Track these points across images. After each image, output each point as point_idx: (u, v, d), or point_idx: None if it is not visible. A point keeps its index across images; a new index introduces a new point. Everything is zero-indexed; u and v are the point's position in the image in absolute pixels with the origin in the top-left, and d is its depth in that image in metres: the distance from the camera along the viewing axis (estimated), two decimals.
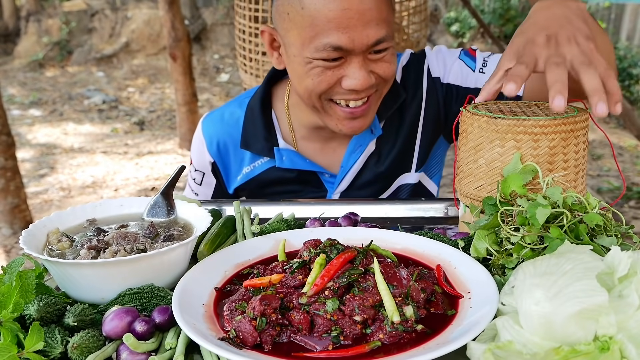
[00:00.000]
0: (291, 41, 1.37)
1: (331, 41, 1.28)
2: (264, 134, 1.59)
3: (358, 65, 1.32)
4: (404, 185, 1.66)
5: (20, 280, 0.83)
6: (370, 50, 1.33)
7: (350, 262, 0.88)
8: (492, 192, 1.05)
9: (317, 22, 1.28)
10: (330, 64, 1.33)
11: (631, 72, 7.93)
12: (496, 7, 9.46)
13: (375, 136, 1.58)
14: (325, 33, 1.28)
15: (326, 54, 1.31)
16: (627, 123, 4.32)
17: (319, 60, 1.33)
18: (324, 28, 1.28)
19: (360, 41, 1.29)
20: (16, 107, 8.65)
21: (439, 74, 1.59)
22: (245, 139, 1.62)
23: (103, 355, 0.79)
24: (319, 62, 1.33)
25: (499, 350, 0.69)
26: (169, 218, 1.11)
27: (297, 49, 1.36)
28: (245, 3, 3.02)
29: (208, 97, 9.20)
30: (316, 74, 1.35)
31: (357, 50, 1.30)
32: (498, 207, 0.96)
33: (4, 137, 3.91)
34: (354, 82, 1.33)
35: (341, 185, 1.62)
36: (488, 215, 0.97)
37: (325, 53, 1.30)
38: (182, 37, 6.03)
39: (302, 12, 1.29)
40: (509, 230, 0.92)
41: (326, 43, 1.29)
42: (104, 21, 11.48)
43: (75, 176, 5.97)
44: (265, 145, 1.59)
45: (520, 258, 0.91)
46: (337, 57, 1.31)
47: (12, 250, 4.16)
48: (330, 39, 1.28)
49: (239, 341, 0.78)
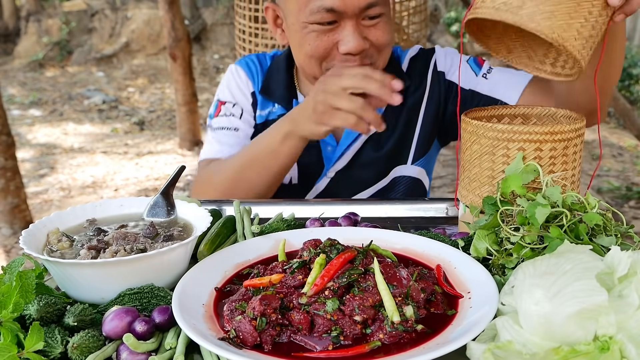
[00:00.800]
0: (289, 9, 1.44)
1: (324, 3, 1.35)
2: (286, 83, 1.65)
3: (352, 28, 1.37)
4: (400, 177, 1.67)
5: (20, 280, 0.83)
6: (363, 15, 1.38)
7: (350, 262, 0.88)
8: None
9: None
10: (325, 28, 1.38)
11: (631, 72, 7.93)
12: None
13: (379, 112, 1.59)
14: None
15: (319, 17, 1.36)
16: (627, 123, 4.32)
17: (314, 25, 1.39)
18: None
19: (351, 2, 1.34)
20: (16, 107, 8.66)
21: (444, 69, 1.66)
22: (266, 85, 1.68)
23: (103, 355, 0.79)
24: (314, 27, 1.39)
25: (499, 350, 0.69)
26: (169, 218, 1.11)
27: (294, 16, 1.42)
28: (245, 3, 3.03)
29: (208, 97, 9.20)
30: (312, 38, 1.40)
31: (350, 12, 1.35)
32: (498, 206, 0.96)
33: (4, 137, 3.91)
34: (348, 45, 1.37)
35: (338, 162, 1.63)
36: (488, 215, 0.98)
37: (319, 15, 1.36)
38: (182, 37, 6.03)
39: None
40: (508, 230, 0.92)
41: (320, 5, 1.35)
42: (104, 21, 11.49)
43: (75, 176, 5.97)
44: (285, 94, 1.64)
45: (520, 258, 0.91)
46: (331, 20, 1.37)
47: (12, 250, 4.16)
48: (324, 1, 1.34)
49: (239, 341, 0.78)
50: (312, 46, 1.41)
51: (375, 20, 1.40)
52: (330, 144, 1.64)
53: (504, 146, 1.03)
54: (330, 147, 1.64)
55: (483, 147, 1.06)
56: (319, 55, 1.42)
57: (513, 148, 1.02)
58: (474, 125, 1.07)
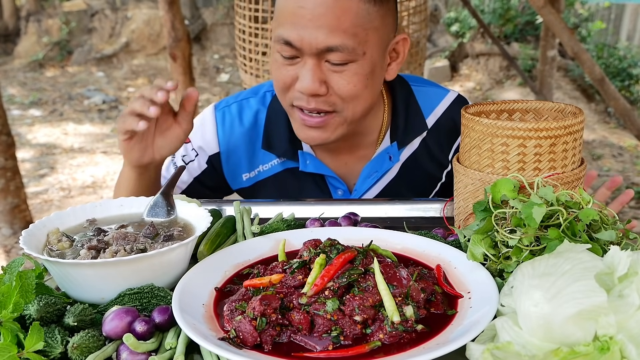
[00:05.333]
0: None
1: (283, 34, 1.29)
2: (288, 136, 1.54)
3: (309, 68, 1.29)
4: None
5: (20, 280, 0.83)
6: (324, 57, 1.29)
7: (350, 262, 0.88)
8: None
9: (281, 13, 1.31)
10: (287, 61, 1.33)
11: (631, 72, 7.93)
12: (496, 7, 9.45)
13: (394, 163, 1.55)
14: (282, 26, 1.30)
15: (279, 47, 1.31)
16: (627, 123, 4.31)
17: (278, 54, 1.34)
18: (282, 21, 1.30)
19: (308, 41, 1.26)
20: (16, 107, 8.65)
21: None
22: (267, 140, 1.57)
23: (103, 355, 0.79)
24: (277, 56, 1.34)
25: (498, 350, 0.69)
26: (169, 218, 1.11)
27: (272, 41, 1.39)
28: (245, 3, 3.03)
29: (208, 97, 9.20)
30: (277, 67, 1.36)
31: (306, 50, 1.28)
32: (490, 210, 0.96)
33: (4, 137, 3.91)
34: (301, 84, 1.31)
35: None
36: (479, 220, 0.98)
37: (278, 46, 1.32)
38: (182, 37, 6.03)
39: (277, 3, 1.34)
40: (504, 233, 0.91)
41: (280, 35, 1.30)
42: (104, 21, 11.48)
43: (75, 176, 5.97)
44: (289, 147, 1.55)
45: (519, 260, 0.90)
46: (292, 54, 1.31)
47: (12, 250, 4.16)
48: (284, 32, 1.29)
49: (239, 341, 0.78)
50: (275, 75, 1.37)
51: (340, 68, 1.30)
52: (341, 188, 1.58)
53: (488, 141, 1.05)
54: (342, 190, 1.58)
55: (472, 140, 1.08)
56: (280, 87, 1.37)
57: (497, 143, 1.04)
58: (466, 118, 1.09)
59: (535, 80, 7.07)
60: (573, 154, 1.05)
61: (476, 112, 1.20)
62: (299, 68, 1.32)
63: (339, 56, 1.28)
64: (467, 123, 1.09)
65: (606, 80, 4.08)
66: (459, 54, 9.43)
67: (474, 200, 1.07)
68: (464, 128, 1.11)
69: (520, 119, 1.21)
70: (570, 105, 1.16)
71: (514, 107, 1.22)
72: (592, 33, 9.08)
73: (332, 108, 1.35)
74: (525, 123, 1.01)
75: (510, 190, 0.96)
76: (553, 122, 1.01)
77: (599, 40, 9.24)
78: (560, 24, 3.77)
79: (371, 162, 1.54)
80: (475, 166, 1.08)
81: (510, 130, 1.01)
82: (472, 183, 1.08)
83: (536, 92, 6.63)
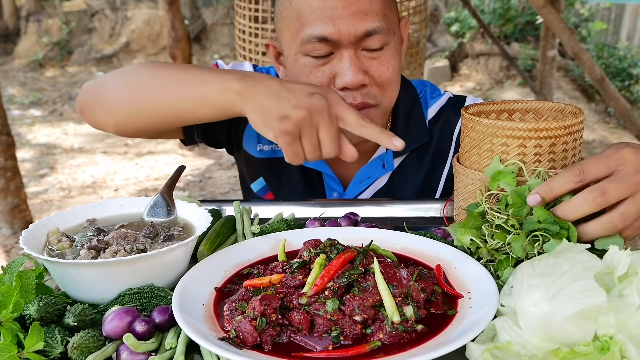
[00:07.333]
0: (285, 41, 1.30)
1: (315, 32, 1.21)
2: None
3: (349, 59, 1.22)
4: None
5: (20, 280, 0.83)
6: (361, 45, 1.23)
7: (350, 262, 0.88)
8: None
9: (303, 13, 1.23)
10: (319, 62, 1.25)
11: (631, 72, 7.94)
12: (496, 7, 9.45)
13: (387, 172, 1.50)
14: (310, 24, 1.22)
15: (311, 47, 1.23)
16: (627, 123, 4.31)
17: (307, 57, 1.25)
18: (308, 19, 1.22)
19: (346, 30, 1.20)
20: (16, 107, 8.65)
21: None
22: None
23: (103, 355, 0.79)
24: (306, 60, 1.25)
25: (498, 351, 0.69)
26: (169, 218, 1.11)
27: (288, 48, 1.29)
28: (245, 3, 3.03)
29: None
30: (306, 73, 1.26)
31: (345, 41, 1.21)
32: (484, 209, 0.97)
33: (4, 137, 3.91)
34: (345, 78, 1.22)
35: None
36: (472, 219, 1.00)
37: (310, 46, 1.23)
38: (182, 37, 6.04)
39: (290, 7, 1.26)
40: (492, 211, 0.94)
41: (310, 34, 1.21)
42: (104, 21, 11.49)
43: (75, 176, 5.97)
44: None
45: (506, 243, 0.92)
46: (326, 52, 1.24)
47: (12, 250, 4.16)
48: (315, 29, 1.21)
49: (239, 341, 0.78)
50: (307, 82, 1.22)
51: (378, 53, 1.24)
52: (337, 190, 1.53)
53: (488, 141, 1.04)
54: (337, 192, 1.53)
55: (472, 140, 1.08)
56: None
57: (497, 143, 1.03)
58: (466, 118, 1.09)
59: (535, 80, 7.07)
60: (573, 154, 1.05)
61: (476, 112, 1.20)
62: (334, 65, 1.25)
63: (376, 40, 1.23)
64: (467, 123, 1.09)
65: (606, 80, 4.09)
66: (459, 54, 9.43)
67: (474, 200, 1.07)
68: (464, 128, 1.11)
69: (520, 119, 1.21)
70: (570, 105, 1.16)
71: (514, 107, 1.22)
72: (592, 33, 9.09)
73: (374, 101, 1.29)
74: (525, 123, 1.01)
75: (512, 179, 0.98)
76: (553, 122, 1.01)
77: (599, 40, 9.25)
78: (560, 24, 3.77)
79: (365, 167, 1.50)
80: (475, 166, 1.08)
81: (510, 130, 1.01)
82: (472, 183, 1.08)
83: (536, 92, 6.64)
